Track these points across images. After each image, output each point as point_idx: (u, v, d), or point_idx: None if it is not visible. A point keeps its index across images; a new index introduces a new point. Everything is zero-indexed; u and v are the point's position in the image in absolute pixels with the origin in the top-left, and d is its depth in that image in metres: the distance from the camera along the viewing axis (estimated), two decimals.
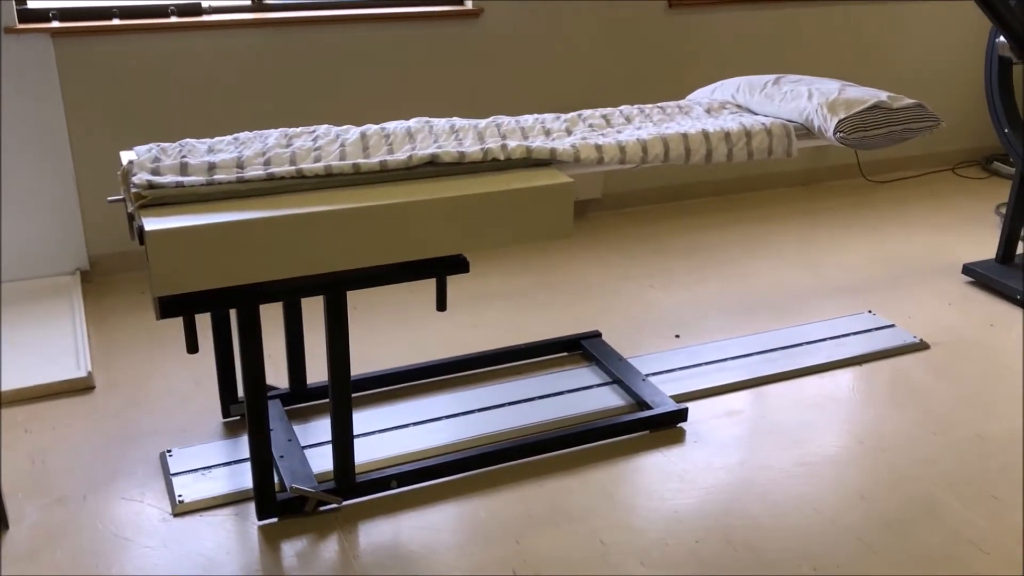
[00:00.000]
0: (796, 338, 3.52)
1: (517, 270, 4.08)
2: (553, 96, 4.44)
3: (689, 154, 2.73)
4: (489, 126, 2.78)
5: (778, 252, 4.33)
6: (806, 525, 2.53)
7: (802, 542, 2.47)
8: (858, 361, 3.39)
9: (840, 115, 2.82)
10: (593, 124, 2.89)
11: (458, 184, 2.42)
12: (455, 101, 4.28)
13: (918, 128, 2.94)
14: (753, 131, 2.83)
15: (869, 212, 4.85)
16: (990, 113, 3.96)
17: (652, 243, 4.40)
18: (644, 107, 3.05)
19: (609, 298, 3.84)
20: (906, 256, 4.31)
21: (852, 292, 3.94)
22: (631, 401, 3.06)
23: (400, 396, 3.10)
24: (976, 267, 4.02)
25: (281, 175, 2.35)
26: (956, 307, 3.82)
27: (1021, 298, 3.79)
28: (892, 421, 3.02)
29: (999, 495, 2.66)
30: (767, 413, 3.06)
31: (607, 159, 2.64)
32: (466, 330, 3.55)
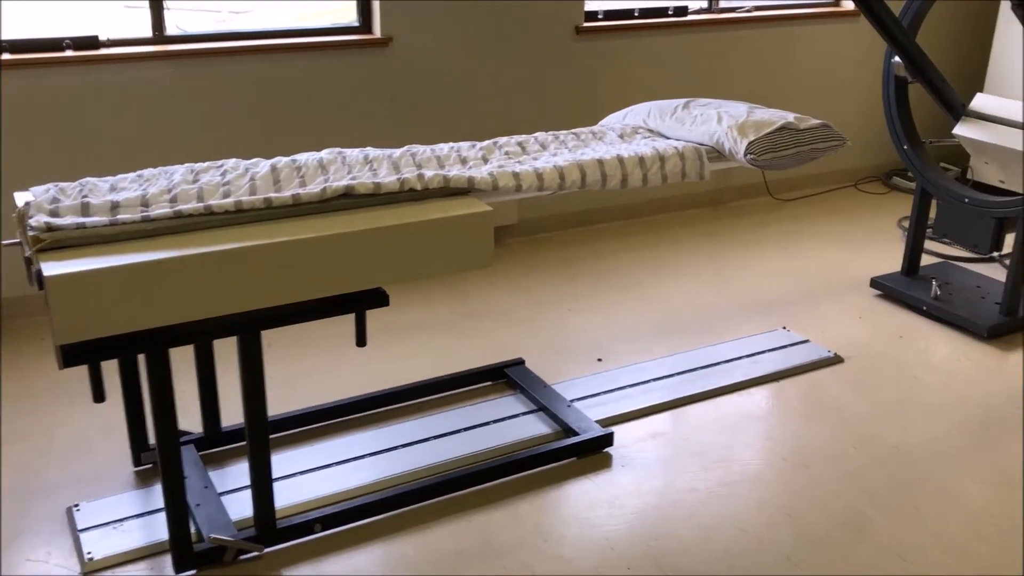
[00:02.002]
0: (713, 357, 3.56)
1: (436, 300, 4.03)
2: (467, 124, 4.42)
3: (605, 179, 2.74)
4: (404, 156, 2.74)
5: (691, 272, 4.39)
6: (734, 546, 2.54)
7: (731, 564, 2.47)
8: (775, 378, 3.44)
9: (750, 137, 2.87)
10: (509, 152, 2.88)
11: (374, 216, 2.37)
12: (368, 131, 4.23)
13: (825, 148, 3.01)
14: (666, 155, 2.86)
15: (777, 230, 4.96)
16: (889, 131, 4.09)
17: (569, 268, 4.41)
18: (559, 133, 3.05)
19: (530, 324, 3.83)
20: (816, 272, 4.42)
21: (765, 309, 4.01)
22: (557, 428, 3.04)
23: (321, 435, 3.01)
24: (883, 280, 4.14)
25: (188, 212, 2.26)
26: (866, 320, 3.92)
27: (927, 309, 3.92)
28: (812, 436, 3.07)
29: (919, 505, 2.72)
30: (690, 434, 3.08)
31: (525, 186, 2.63)
32: (387, 363, 3.48)
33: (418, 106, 4.32)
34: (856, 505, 2.72)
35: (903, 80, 3.98)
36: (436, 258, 2.39)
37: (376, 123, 4.25)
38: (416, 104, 4.31)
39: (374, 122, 4.24)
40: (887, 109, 4.06)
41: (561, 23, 4.51)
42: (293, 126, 4.09)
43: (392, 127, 4.28)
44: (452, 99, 4.38)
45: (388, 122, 4.27)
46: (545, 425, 3.06)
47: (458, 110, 4.41)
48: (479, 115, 4.46)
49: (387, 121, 4.27)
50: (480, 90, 4.44)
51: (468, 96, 4.42)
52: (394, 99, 4.26)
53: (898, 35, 3.68)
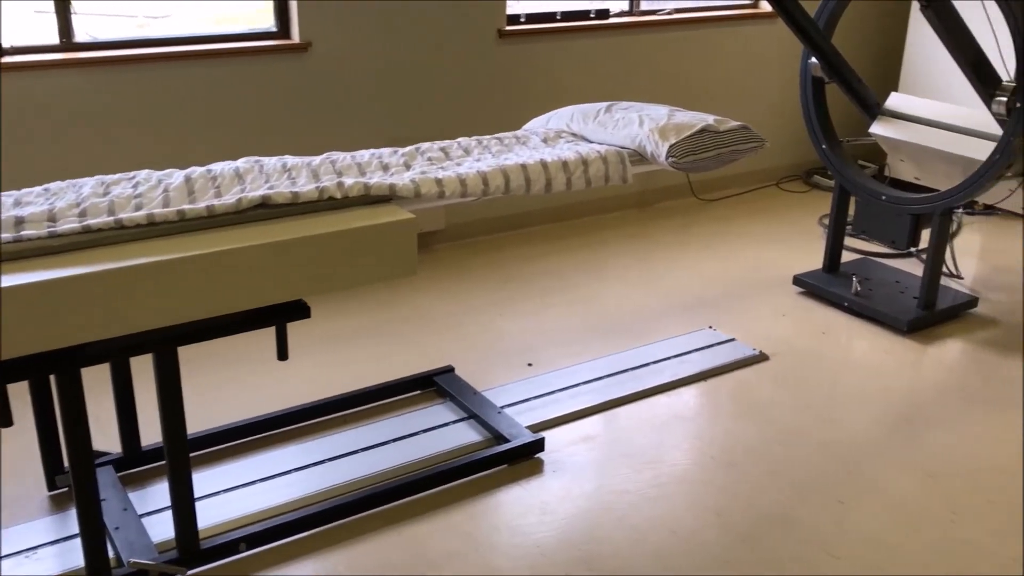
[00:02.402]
0: (643, 358, 3.58)
1: (362, 309, 3.98)
2: (389, 130, 4.38)
3: (529, 184, 2.73)
4: (324, 163, 2.69)
5: (619, 274, 4.41)
6: (665, 547, 2.55)
7: (662, 566, 2.48)
8: (702, 377, 3.47)
9: (671, 140, 2.89)
10: (432, 157, 2.85)
11: (293, 226, 2.31)
12: (287, 138, 4.15)
13: (744, 149, 3.05)
14: (589, 159, 2.86)
15: (702, 230, 5.02)
16: (808, 130, 4.17)
17: (497, 272, 4.39)
18: (482, 139, 3.03)
19: (459, 331, 3.80)
20: (740, 270, 4.48)
21: (693, 309, 4.05)
22: (488, 435, 3.02)
23: (246, 451, 2.94)
24: (805, 278, 4.21)
25: (98, 227, 2.18)
26: (790, 317, 3.99)
27: (848, 305, 4.00)
28: (739, 434, 3.10)
29: (844, 499, 2.76)
30: (620, 436, 3.08)
31: (448, 193, 2.60)
32: (313, 375, 3.42)
33: (339, 112, 4.26)
34: (783, 501, 2.75)
35: (820, 80, 4.05)
36: (358, 268, 2.35)
37: (296, 130, 4.17)
38: (337, 110, 4.25)
39: (294, 129, 4.17)
40: (805, 109, 4.13)
41: (483, 26, 4.49)
42: (210, 135, 3.99)
43: (312, 134, 4.21)
44: (374, 104, 4.33)
45: (308, 129, 4.20)
46: (476, 433, 3.03)
47: (380, 115, 4.36)
48: (401, 120, 4.41)
49: (307, 128, 4.20)
50: (402, 95, 4.39)
51: (390, 101, 4.37)
52: (314, 105, 4.19)
53: (814, 36, 3.75)
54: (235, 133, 4.04)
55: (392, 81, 4.34)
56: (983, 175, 3.54)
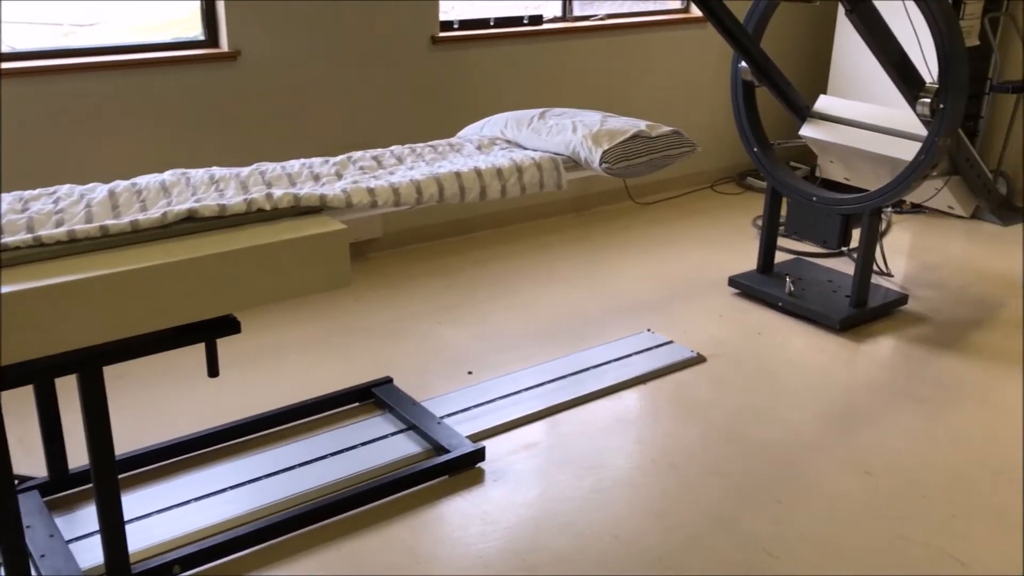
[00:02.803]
0: (584, 363, 3.58)
1: (298, 320, 3.91)
2: (321, 139, 4.32)
3: (464, 192, 2.71)
4: (253, 174, 2.64)
5: (560, 278, 4.42)
6: (608, 552, 2.55)
7: (606, 571, 2.47)
8: (642, 380, 3.49)
9: (604, 146, 2.90)
10: (364, 166, 2.81)
11: (221, 240, 2.26)
12: (216, 149, 4.07)
13: (676, 154, 3.07)
14: (524, 166, 2.85)
15: (640, 233, 5.06)
16: (739, 134, 4.22)
17: (437, 279, 4.36)
18: (415, 146, 3.01)
19: (398, 340, 3.76)
20: (677, 273, 4.52)
21: (631, 312, 4.06)
22: (428, 446, 2.99)
23: (180, 470, 2.87)
24: (740, 279, 4.26)
25: (15, 245, 2.10)
26: (726, 319, 4.03)
27: (783, 305, 4.05)
28: (679, 436, 3.12)
29: (782, 499, 2.79)
30: (562, 442, 3.08)
31: (381, 202, 2.57)
32: (248, 389, 3.35)
33: (269, 121, 4.19)
34: (723, 502, 2.77)
35: (750, 84, 4.11)
36: (289, 280, 2.30)
37: (226, 140, 4.10)
38: (267, 119, 4.18)
39: (223, 139, 4.09)
40: (736, 113, 4.18)
41: (416, 33, 4.46)
42: (137, 146, 3.90)
43: (242, 144, 4.13)
44: (305, 113, 4.27)
45: (238, 139, 4.13)
46: (415, 444, 3.00)
47: (312, 124, 4.30)
48: (334, 129, 4.36)
49: (237, 138, 4.12)
50: (334, 103, 4.34)
51: (322, 109, 4.31)
52: (244, 114, 4.12)
53: (743, 41, 3.79)
54: (163, 145, 3.95)
55: (324, 89, 4.29)
56: (909, 175, 3.61)
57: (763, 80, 3.99)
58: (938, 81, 3.46)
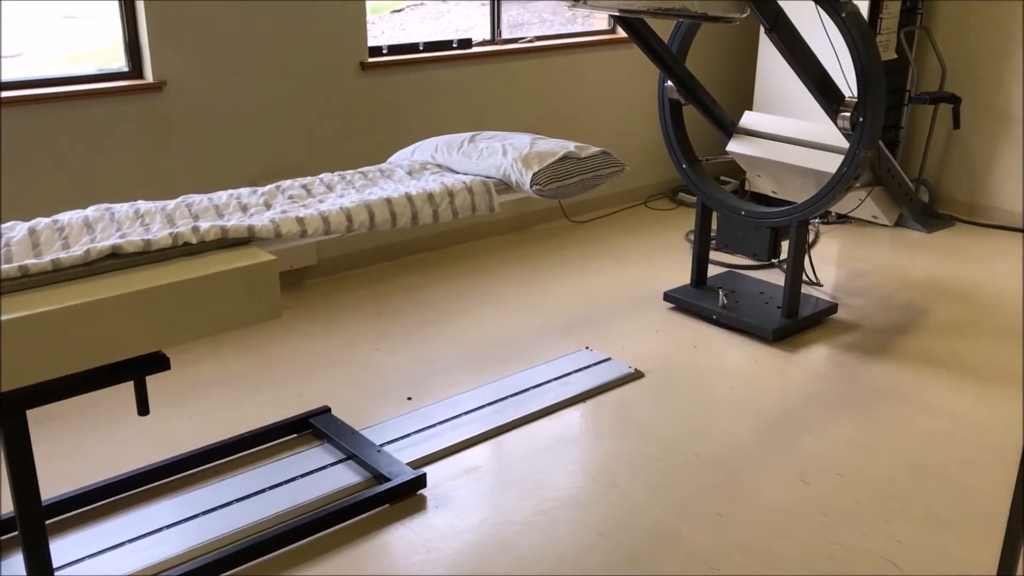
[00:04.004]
0: (523, 383, 3.59)
1: (233, 351, 3.85)
2: (251, 168, 4.27)
3: (395, 218, 2.70)
4: (179, 207, 2.60)
5: (497, 299, 4.42)
6: (552, 574, 2.54)
7: None
8: (582, 398, 3.51)
9: (534, 168, 2.92)
10: (293, 195, 2.79)
11: (147, 275, 2.22)
12: (142, 182, 4.00)
13: (606, 174, 3.10)
14: (455, 190, 2.85)
15: (577, 251, 5.09)
16: (668, 151, 4.29)
17: (374, 305, 4.33)
18: (345, 173, 2.99)
19: (335, 369, 3.72)
20: (614, 289, 4.56)
21: (570, 330, 4.09)
22: (368, 475, 2.96)
23: (114, 511, 2.79)
24: (675, 293, 4.32)
25: None
26: (663, 333, 4.07)
27: (717, 318, 4.11)
28: (620, 453, 3.13)
29: (722, 511, 2.82)
30: (504, 464, 3.07)
31: (311, 231, 2.55)
32: (183, 425, 3.28)
33: (198, 152, 4.13)
34: (664, 517, 2.79)
35: (677, 103, 4.18)
36: (218, 314, 2.27)
37: (152, 173, 4.03)
38: (196, 150, 4.12)
39: (149, 172, 4.02)
40: (664, 131, 4.25)
41: (345, 59, 4.45)
42: (60, 181, 3.81)
43: (170, 175, 4.07)
44: (233, 143, 4.22)
45: (165, 171, 4.06)
46: (355, 474, 2.97)
47: (241, 153, 4.25)
48: (264, 157, 4.32)
49: (164, 170, 4.06)
50: (263, 132, 4.30)
51: (251, 138, 4.27)
52: (172, 146, 4.05)
53: (668, 61, 3.86)
54: (88, 179, 3.87)
55: (253, 117, 4.25)
56: (833, 187, 3.70)
57: (689, 99, 4.07)
58: (857, 95, 3.56)
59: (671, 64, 3.89)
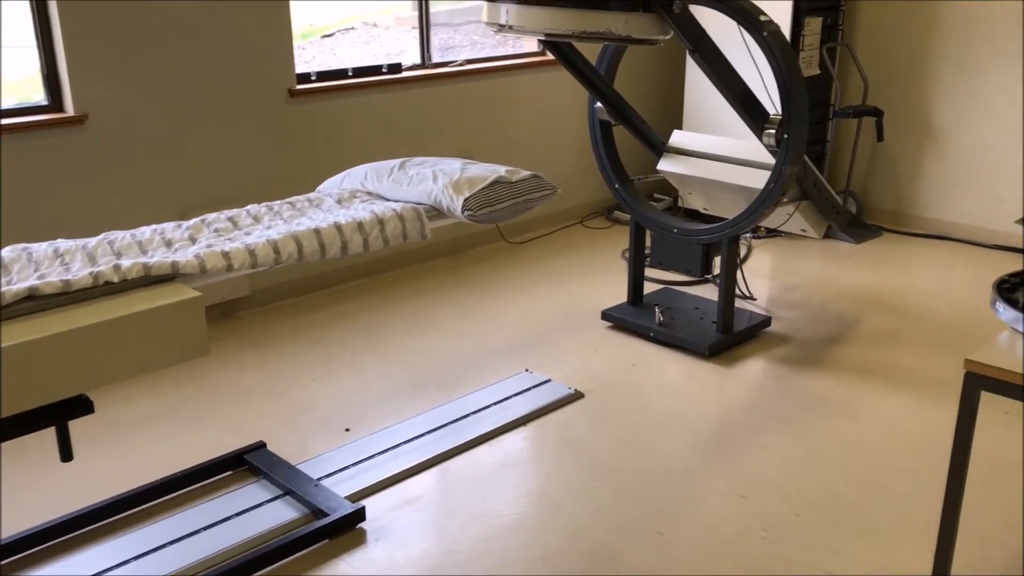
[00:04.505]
0: (463, 409, 3.56)
1: (167, 386, 3.76)
2: (179, 200, 4.19)
3: (324, 249, 2.67)
4: (101, 244, 2.54)
5: (434, 324, 4.40)
6: None
7: None
8: (523, 421, 3.49)
9: (465, 194, 2.91)
10: (219, 228, 2.74)
11: (66, 317, 2.15)
12: (63, 220, 3.89)
13: (537, 198, 3.11)
14: (386, 218, 2.83)
15: (515, 273, 5.09)
16: (600, 171, 4.32)
17: (309, 335, 4.27)
18: (273, 204, 2.95)
19: (271, 402, 3.65)
20: (552, 310, 4.56)
21: (509, 352, 4.08)
22: (306, 511, 2.90)
23: (43, 559, 2.69)
24: (612, 312, 4.34)
25: None
26: (601, 353, 4.08)
27: (654, 335, 4.14)
28: (561, 476, 3.13)
29: (663, 530, 2.83)
30: (445, 493, 3.04)
31: (237, 265, 2.50)
32: (112, 466, 3.19)
33: (123, 185, 4.04)
34: (607, 539, 2.79)
35: (607, 123, 4.21)
36: (143, 354, 2.21)
37: (74, 209, 3.92)
38: (120, 184, 4.03)
39: (71, 208, 3.91)
40: (596, 151, 4.28)
41: (273, 87, 4.40)
42: None
43: (93, 212, 3.96)
44: (160, 175, 4.14)
45: (88, 207, 3.96)
46: (293, 510, 2.91)
47: (168, 185, 4.17)
48: (192, 190, 4.24)
49: (87, 206, 3.95)
50: (191, 163, 4.22)
51: (178, 171, 4.19)
52: (95, 180, 3.96)
53: (596, 83, 3.90)
54: (5, 217, 3.75)
55: (180, 148, 4.17)
56: (761, 204, 3.76)
57: (619, 119, 4.10)
58: (781, 113, 3.62)
59: (599, 86, 3.92)
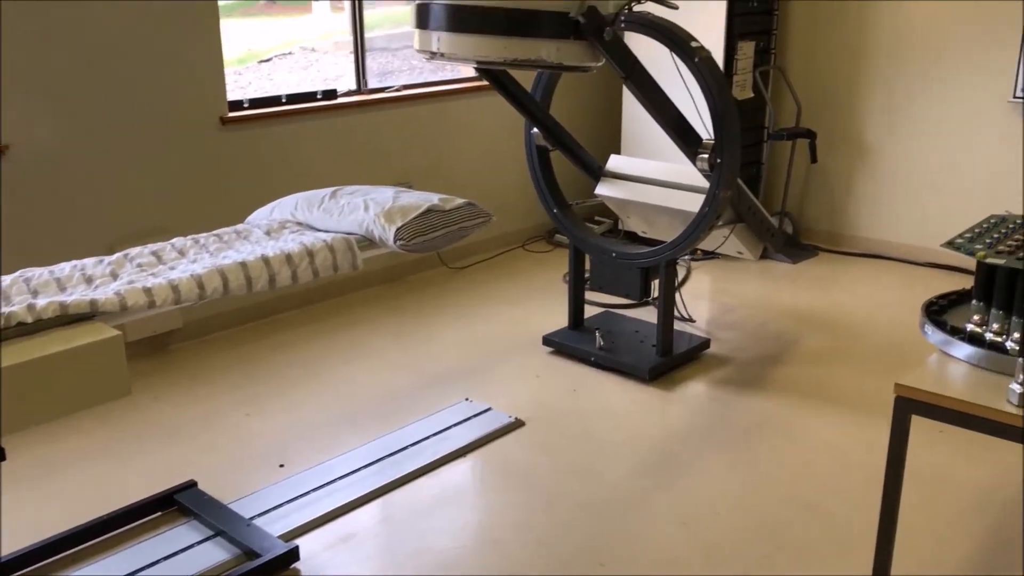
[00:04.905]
0: (401, 441, 3.50)
1: (94, 424, 3.63)
2: (106, 233, 4.06)
3: (251, 283, 2.60)
4: (16, 283, 2.44)
5: (373, 354, 4.33)
6: None
7: None
8: (462, 452, 3.44)
9: (397, 223, 2.87)
10: (142, 264, 2.65)
11: None
12: None
13: (472, 226, 3.08)
14: (315, 249, 2.77)
15: (455, 299, 5.05)
16: (538, 196, 4.31)
17: (244, 368, 4.17)
18: (199, 237, 2.87)
19: (202, 438, 3.55)
20: (494, 336, 4.53)
21: (449, 381, 4.03)
22: (238, 552, 2.81)
23: None
24: (553, 337, 4.32)
25: None
26: (543, 379, 4.05)
27: (595, 360, 4.13)
28: (502, 508, 3.08)
29: (605, 561, 2.80)
30: (382, 529, 2.98)
31: (159, 302, 2.43)
32: (33, 512, 3.06)
33: (47, 219, 3.91)
34: (547, 572, 2.74)
35: (544, 148, 4.20)
36: (59, 397, 2.12)
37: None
38: (44, 217, 3.90)
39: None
40: (534, 176, 4.27)
41: (204, 114, 4.32)
42: None
43: (10, 247, 3.82)
44: (87, 207, 4.01)
45: (8, 243, 3.81)
46: (224, 551, 2.82)
47: (95, 218, 4.04)
48: (120, 221, 4.11)
49: (7, 242, 3.81)
50: (117, 195, 4.10)
51: (106, 202, 4.07)
52: (15, 214, 3.82)
53: (532, 109, 3.89)
54: None
55: (105, 179, 4.06)
56: (696, 228, 3.78)
57: (555, 144, 4.10)
58: (714, 137, 3.65)
59: (535, 112, 3.91)
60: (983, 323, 2.30)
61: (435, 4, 3.07)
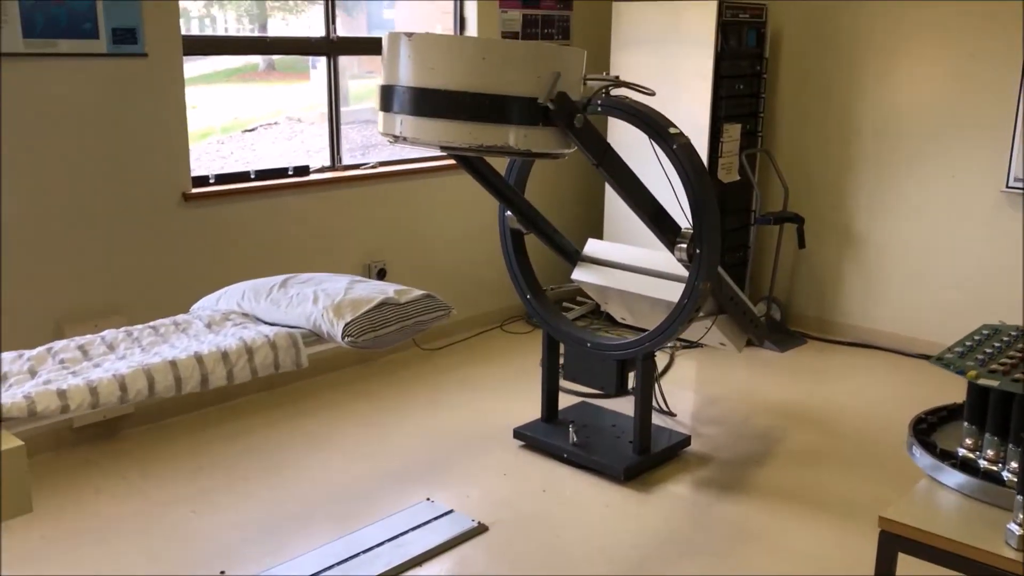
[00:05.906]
0: (353, 547, 3.25)
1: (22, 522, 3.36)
2: (53, 313, 3.84)
3: (180, 384, 2.40)
4: None
5: (335, 444, 4.09)
6: None
7: None
8: (419, 561, 3.19)
9: (347, 318, 2.67)
10: (65, 359, 2.45)
11: None
12: None
13: (430, 319, 2.89)
14: (255, 346, 2.57)
15: (425, 384, 4.83)
16: (512, 281, 4.12)
17: (194, 458, 3.93)
18: (132, 329, 2.67)
19: (142, 539, 3.30)
20: (463, 426, 4.29)
21: (412, 477, 3.79)
22: None
23: None
24: (525, 430, 4.09)
25: None
26: (511, 476, 3.82)
27: (568, 456, 3.89)
28: None
29: None
30: None
31: (74, 406, 2.21)
32: None
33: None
34: None
35: (518, 232, 4.04)
36: None
37: None
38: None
39: None
40: (507, 260, 4.09)
41: (164, 190, 4.14)
42: None
43: None
44: (34, 283, 3.79)
45: None
46: None
47: (40, 295, 3.81)
48: (67, 301, 3.89)
49: None
50: (68, 271, 3.89)
51: (54, 279, 3.86)
52: None
53: (506, 192, 3.73)
54: None
55: (57, 255, 3.86)
56: (675, 320, 3.59)
57: (530, 228, 3.93)
58: (692, 227, 3.48)
59: (508, 195, 3.75)
60: (976, 448, 2.10)
61: (399, 86, 2.92)
